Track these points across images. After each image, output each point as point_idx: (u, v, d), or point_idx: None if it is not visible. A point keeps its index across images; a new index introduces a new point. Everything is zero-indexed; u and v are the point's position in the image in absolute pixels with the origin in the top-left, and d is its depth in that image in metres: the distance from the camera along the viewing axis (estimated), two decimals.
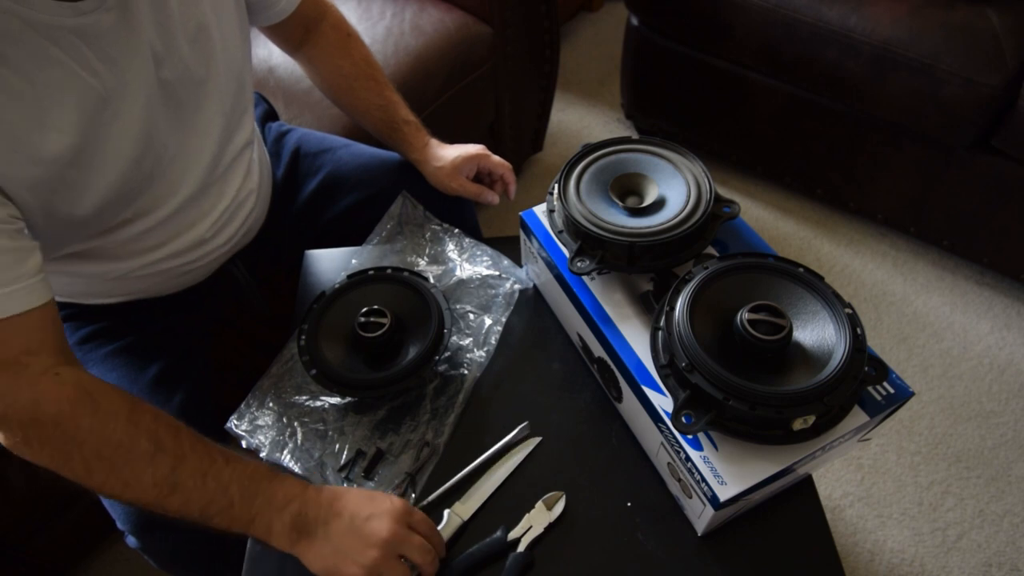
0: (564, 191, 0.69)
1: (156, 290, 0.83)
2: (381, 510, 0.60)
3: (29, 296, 0.57)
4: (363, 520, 0.59)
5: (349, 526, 0.59)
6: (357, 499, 0.61)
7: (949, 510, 1.24)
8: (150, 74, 0.63)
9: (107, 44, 0.59)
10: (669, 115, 1.75)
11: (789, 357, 0.57)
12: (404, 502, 0.62)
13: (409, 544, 0.60)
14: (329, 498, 0.61)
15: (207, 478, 0.58)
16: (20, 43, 0.53)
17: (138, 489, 0.58)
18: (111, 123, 0.61)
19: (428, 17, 1.33)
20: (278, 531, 0.60)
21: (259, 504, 0.60)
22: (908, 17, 1.29)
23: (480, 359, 0.77)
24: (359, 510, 0.60)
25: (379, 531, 0.58)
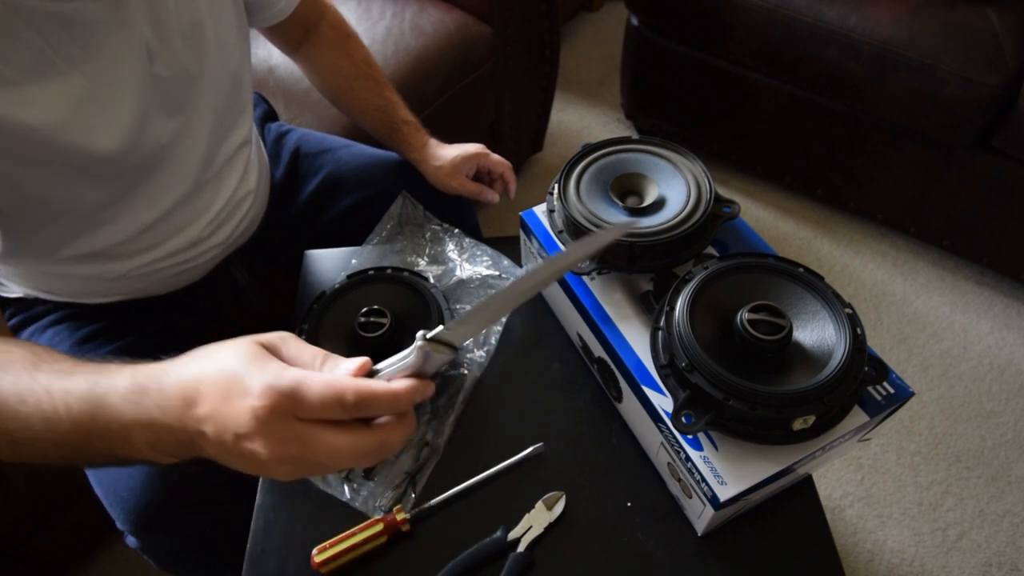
0: (564, 191, 0.69)
1: (154, 289, 0.83)
2: (240, 421, 0.39)
3: None
4: (232, 444, 0.40)
5: (223, 448, 0.40)
6: (211, 404, 0.40)
7: (949, 510, 1.24)
8: (143, 69, 0.63)
9: (91, 35, 0.58)
10: (669, 115, 1.75)
11: (789, 357, 0.57)
12: (272, 401, 0.38)
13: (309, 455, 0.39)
14: (178, 410, 0.41)
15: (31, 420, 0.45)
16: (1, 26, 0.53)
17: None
18: (99, 113, 0.61)
19: (428, 17, 1.33)
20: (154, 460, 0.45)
21: (106, 444, 0.44)
22: (908, 17, 1.29)
23: (480, 359, 0.77)
24: (221, 432, 0.40)
25: (254, 455, 0.39)
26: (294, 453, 0.39)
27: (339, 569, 0.63)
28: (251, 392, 0.38)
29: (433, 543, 0.64)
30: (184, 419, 0.41)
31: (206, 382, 0.41)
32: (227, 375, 0.40)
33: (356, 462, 0.41)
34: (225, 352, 0.42)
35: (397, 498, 0.67)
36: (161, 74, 0.65)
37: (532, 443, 0.70)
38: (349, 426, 0.40)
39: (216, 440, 0.40)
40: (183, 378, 0.42)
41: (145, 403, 0.42)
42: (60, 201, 0.64)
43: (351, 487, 0.68)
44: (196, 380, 0.41)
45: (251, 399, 0.38)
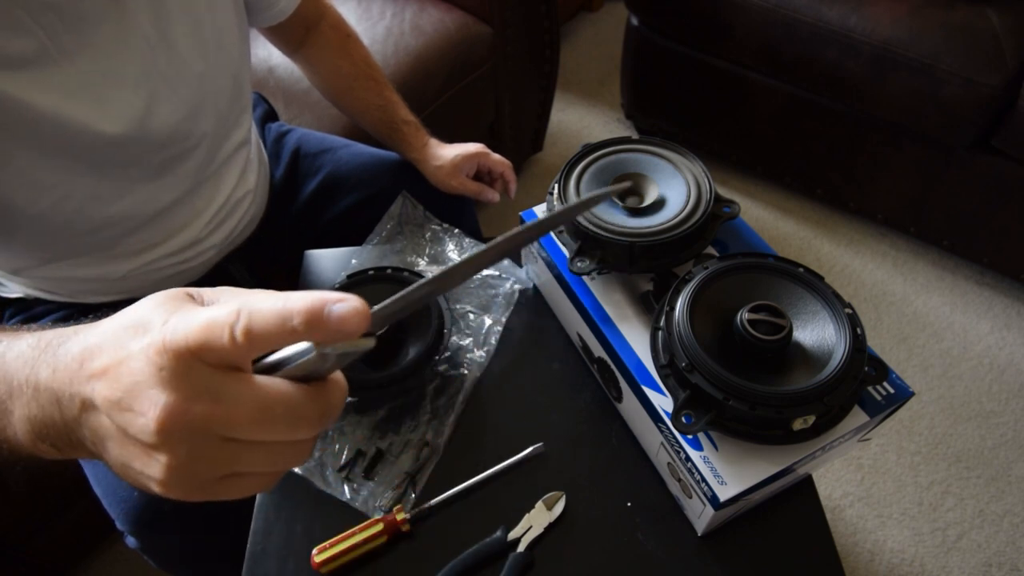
0: (564, 191, 0.69)
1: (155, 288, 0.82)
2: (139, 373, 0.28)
3: None
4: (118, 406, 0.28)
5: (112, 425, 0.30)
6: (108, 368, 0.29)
7: (949, 510, 1.24)
8: (143, 64, 0.63)
9: (91, 29, 0.58)
10: (669, 115, 1.75)
11: (789, 357, 0.57)
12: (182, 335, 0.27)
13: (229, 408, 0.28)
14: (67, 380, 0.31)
15: None
16: None
17: None
18: (96, 105, 0.61)
19: (428, 17, 1.33)
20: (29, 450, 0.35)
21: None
22: (908, 17, 1.29)
23: (480, 359, 0.77)
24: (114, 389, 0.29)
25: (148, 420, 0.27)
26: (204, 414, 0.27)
27: (339, 569, 0.63)
28: (153, 327, 0.28)
29: (433, 543, 0.64)
30: (75, 378, 0.30)
31: (107, 331, 0.30)
32: (129, 318, 0.30)
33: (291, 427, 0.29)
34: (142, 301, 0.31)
35: (397, 498, 0.67)
36: (162, 70, 0.65)
37: (532, 443, 0.70)
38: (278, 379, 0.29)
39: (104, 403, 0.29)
40: (85, 336, 0.31)
41: (39, 361, 0.32)
42: (58, 192, 0.64)
43: (351, 487, 0.68)
44: (98, 331, 0.31)
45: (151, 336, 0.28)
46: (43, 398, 0.32)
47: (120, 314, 0.31)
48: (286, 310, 0.27)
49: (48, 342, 0.33)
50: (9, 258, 0.72)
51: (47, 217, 0.65)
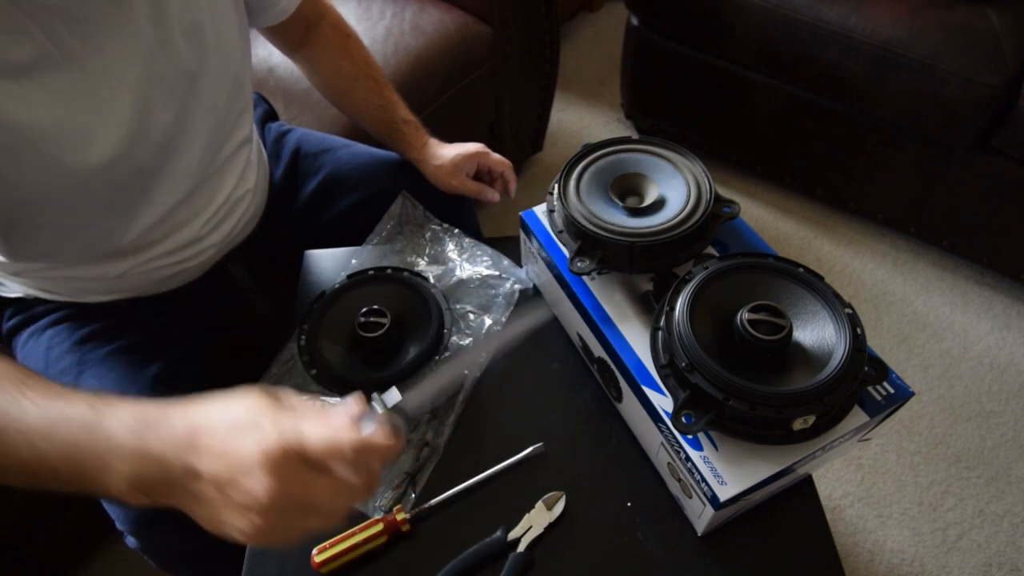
0: (564, 191, 0.69)
1: (153, 288, 0.83)
2: (246, 459, 0.39)
3: None
4: (230, 480, 0.39)
5: (215, 492, 0.40)
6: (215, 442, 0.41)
7: (949, 510, 1.24)
8: (143, 66, 0.63)
9: (93, 31, 0.58)
10: (669, 115, 1.75)
11: (789, 357, 0.57)
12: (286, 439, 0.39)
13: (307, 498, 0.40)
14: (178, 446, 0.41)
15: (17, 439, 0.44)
16: None
17: None
18: (98, 110, 0.61)
19: (428, 17, 1.33)
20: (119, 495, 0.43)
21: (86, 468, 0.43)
22: (908, 17, 1.29)
23: (480, 359, 0.77)
24: (220, 469, 0.40)
25: (257, 494, 0.39)
26: (295, 495, 0.39)
27: (339, 569, 0.63)
28: (263, 430, 0.40)
29: (433, 543, 0.64)
30: (184, 454, 0.41)
31: (215, 420, 0.42)
32: (237, 415, 0.41)
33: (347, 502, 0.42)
34: (234, 398, 0.43)
35: (397, 498, 0.67)
36: (162, 72, 0.65)
37: (532, 443, 0.70)
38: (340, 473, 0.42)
39: (211, 478, 0.40)
40: (190, 415, 0.42)
41: (147, 434, 0.42)
42: (60, 201, 0.64)
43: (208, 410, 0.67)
44: (205, 418, 0.42)
45: (262, 436, 0.39)
46: (151, 462, 0.41)
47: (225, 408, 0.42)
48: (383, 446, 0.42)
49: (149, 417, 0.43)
50: (10, 259, 0.72)
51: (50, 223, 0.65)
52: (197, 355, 0.88)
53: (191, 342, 0.87)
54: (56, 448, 0.43)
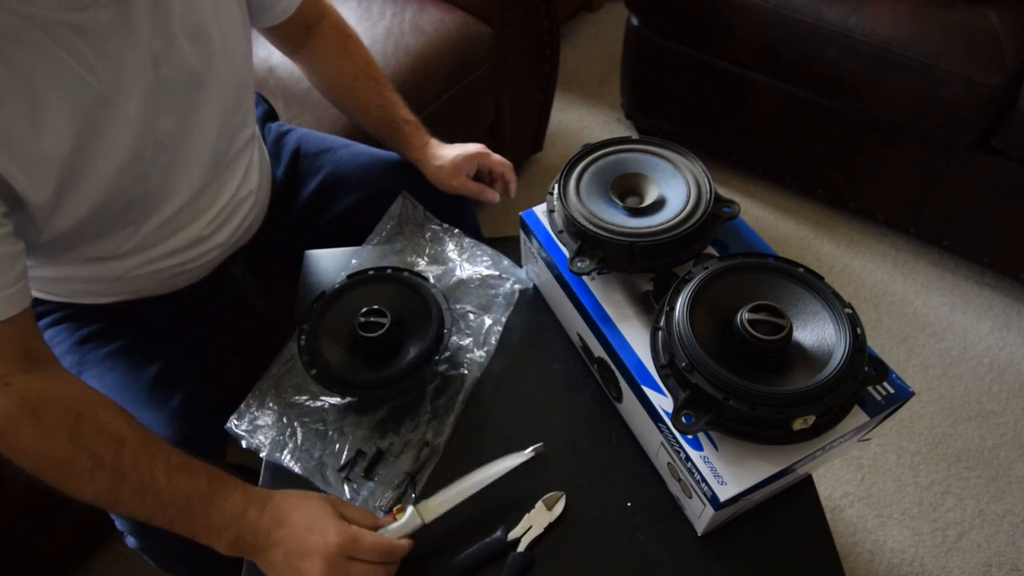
0: (564, 191, 0.69)
1: (155, 289, 0.83)
2: (315, 550, 0.57)
3: (12, 302, 0.57)
4: (296, 556, 0.58)
5: (285, 561, 0.58)
6: (294, 533, 0.59)
7: (949, 510, 1.24)
8: (148, 72, 0.63)
9: (104, 40, 0.59)
10: (669, 115, 1.75)
11: (789, 357, 0.57)
12: (341, 540, 0.58)
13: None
14: (268, 526, 0.59)
15: (146, 497, 0.58)
16: (17, 39, 0.53)
17: (82, 497, 0.58)
18: (109, 121, 0.61)
19: (428, 17, 1.33)
20: (220, 548, 0.60)
21: (197, 525, 0.59)
22: (908, 17, 1.29)
23: (480, 359, 0.77)
24: (294, 547, 0.58)
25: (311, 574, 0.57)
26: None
27: None
28: (328, 534, 0.58)
29: (433, 543, 0.64)
30: (270, 533, 0.59)
31: (295, 516, 0.60)
32: (310, 518, 0.59)
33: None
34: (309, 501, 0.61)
35: (397, 498, 0.67)
36: (167, 77, 0.65)
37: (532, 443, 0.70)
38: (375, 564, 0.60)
39: (283, 554, 0.59)
40: (280, 506, 0.61)
41: (249, 513, 0.60)
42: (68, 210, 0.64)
43: (351, 487, 0.68)
44: (289, 509, 0.60)
45: (328, 537, 0.58)
46: (248, 532, 0.60)
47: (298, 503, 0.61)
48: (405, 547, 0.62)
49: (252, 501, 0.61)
50: None
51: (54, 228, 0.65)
52: (197, 355, 0.88)
53: (191, 342, 0.87)
54: (178, 513, 0.59)
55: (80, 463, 0.57)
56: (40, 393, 0.58)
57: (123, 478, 0.58)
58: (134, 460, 0.58)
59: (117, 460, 0.58)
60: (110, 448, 0.58)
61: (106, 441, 0.58)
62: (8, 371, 0.57)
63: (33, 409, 0.57)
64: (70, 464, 0.57)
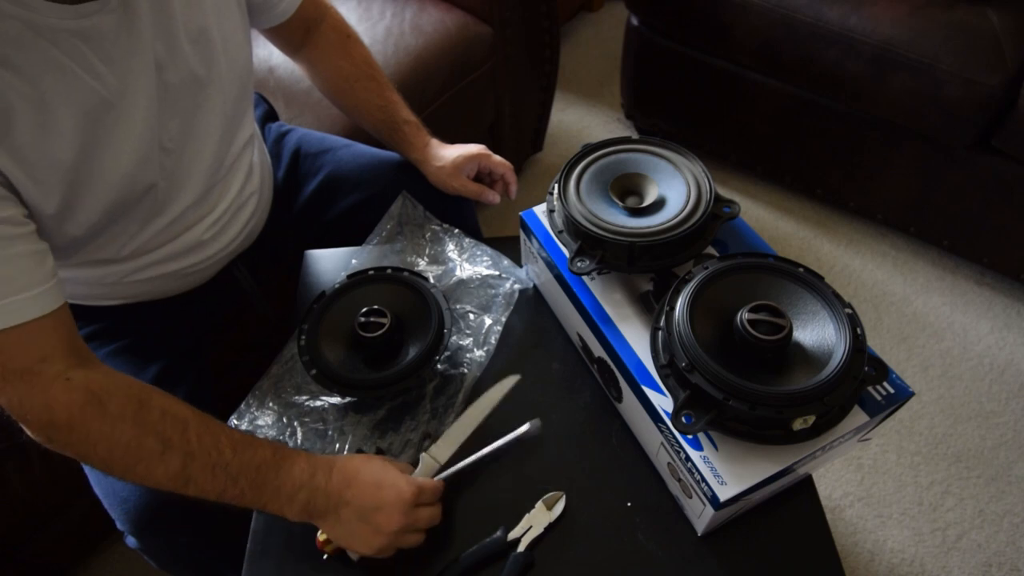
0: (564, 191, 0.69)
1: (156, 293, 0.83)
2: (389, 502, 0.60)
3: (47, 299, 0.58)
4: (371, 511, 0.60)
5: (358, 516, 0.61)
6: (365, 489, 0.61)
7: (949, 510, 1.24)
8: (152, 77, 0.63)
9: (108, 46, 0.59)
10: (669, 115, 1.75)
11: (789, 357, 0.57)
12: (412, 489, 0.61)
13: (415, 524, 0.62)
14: (338, 486, 0.61)
15: (216, 471, 0.59)
16: (23, 47, 0.54)
17: (154, 482, 0.60)
18: (115, 127, 0.62)
19: (428, 17, 1.33)
20: (290, 514, 0.62)
21: (268, 494, 0.61)
22: (908, 17, 1.29)
23: (480, 359, 0.77)
24: (367, 502, 0.61)
25: (387, 523, 0.60)
26: (411, 524, 0.61)
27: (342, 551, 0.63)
28: (400, 486, 0.62)
29: (434, 544, 0.64)
30: (341, 491, 0.61)
31: (363, 473, 0.63)
32: (378, 475, 0.63)
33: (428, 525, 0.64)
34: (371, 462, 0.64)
35: None
36: (170, 81, 0.65)
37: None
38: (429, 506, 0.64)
39: (355, 511, 0.61)
40: (346, 467, 0.63)
41: (318, 475, 0.62)
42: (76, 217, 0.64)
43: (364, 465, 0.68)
44: (356, 470, 0.63)
45: (401, 489, 0.61)
46: (319, 494, 0.61)
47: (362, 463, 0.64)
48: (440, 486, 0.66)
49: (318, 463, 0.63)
50: None
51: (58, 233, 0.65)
52: (197, 355, 0.88)
53: (191, 342, 0.87)
54: (249, 484, 0.60)
55: (150, 446, 0.58)
56: (100, 384, 0.59)
57: (192, 456, 0.59)
58: (199, 438, 0.60)
59: (184, 440, 0.59)
60: (176, 429, 0.59)
61: (171, 423, 0.60)
62: (65, 367, 0.58)
63: (98, 399, 0.58)
64: (140, 448, 0.58)
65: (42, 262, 0.59)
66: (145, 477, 0.59)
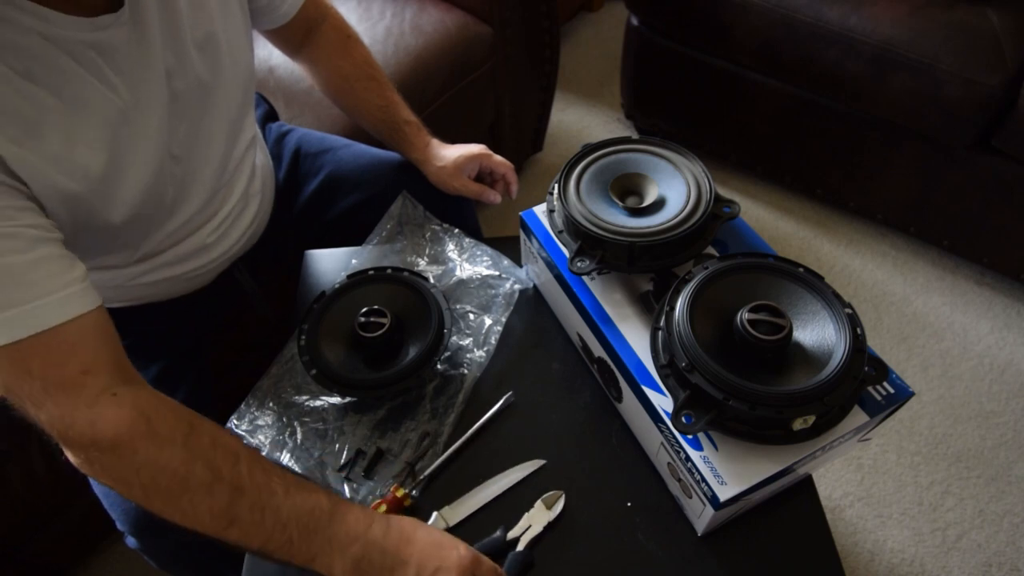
0: (564, 191, 0.69)
1: (159, 295, 0.83)
2: (451, 563, 0.57)
3: (83, 300, 0.55)
4: (432, 572, 0.56)
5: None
6: (424, 548, 0.58)
7: (949, 510, 1.24)
8: (163, 85, 0.64)
9: (122, 58, 0.59)
10: (669, 115, 1.75)
11: (789, 357, 0.57)
12: (472, 555, 0.58)
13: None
14: (396, 543, 0.57)
15: (265, 513, 0.55)
16: (42, 60, 0.54)
17: (196, 519, 0.55)
18: (133, 138, 0.62)
19: (428, 17, 1.33)
20: (340, 571, 0.56)
21: (319, 543, 0.56)
22: (908, 17, 1.29)
23: (480, 359, 0.77)
24: (426, 562, 0.57)
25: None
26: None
27: None
28: (460, 549, 0.58)
29: None
30: (398, 549, 0.57)
31: (420, 534, 0.59)
32: (436, 535, 0.59)
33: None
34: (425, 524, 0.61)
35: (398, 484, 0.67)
36: (179, 89, 0.65)
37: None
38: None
39: (417, 567, 0.57)
40: (403, 525, 0.60)
41: (375, 528, 0.58)
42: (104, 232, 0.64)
43: (351, 487, 0.68)
44: (414, 528, 0.59)
45: (460, 552, 0.58)
46: (374, 550, 0.57)
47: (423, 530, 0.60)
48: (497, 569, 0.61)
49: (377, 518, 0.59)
50: None
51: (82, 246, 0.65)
52: (198, 355, 0.88)
53: (192, 342, 0.87)
54: (299, 530, 0.56)
55: (199, 475, 0.54)
56: (150, 403, 0.55)
57: (241, 492, 0.55)
58: (251, 473, 0.55)
59: (235, 473, 0.55)
60: (227, 460, 0.55)
61: (223, 453, 0.55)
62: (111, 382, 0.55)
63: (147, 418, 0.54)
64: (188, 476, 0.54)
65: (72, 265, 0.56)
66: (187, 512, 0.55)
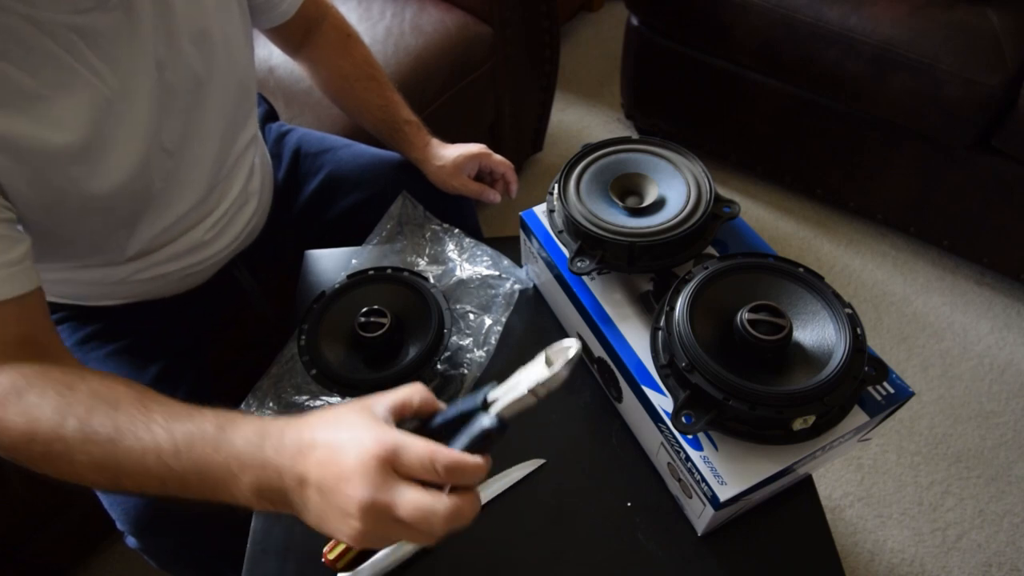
0: (564, 191, 0.69)
1: (156, 293, 0.83)
2: (350, 469, 0.42)
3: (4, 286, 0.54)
4: (332, 487, 0.43)
5: (319, 497, 0.44)
6: (321, 458, 0.44)
7: (949, 510, 1.24)
8: (153, 77, 0.63)
9: (109, 45, 0.59)
10: (669, 115, 1.75)
11: (789, 357, 0.57)
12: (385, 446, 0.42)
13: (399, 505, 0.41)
14: (291, 457, 0.45)
15: (146, 456, 0.48)
16: (19, 39, 0.53)
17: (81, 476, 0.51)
18: (117, 126, 0.61)
19: (428, 17, 1.33)
20: (244, 502, 0.48)
21: (212, 477, 0.47)
22: (908, 17, 1.29)
23: (480, 359, 0.77)
24: (325, 474, 0.43)
25: (353, 499, 0.42)
26: (382, 504, 0.41)
27: (354, 559, 0.62)
28: (363, 442, 0.43)
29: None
30: (295, 463, 0.45)
31: (321, 432, 0.45)
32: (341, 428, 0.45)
33: (432, 525, 0.41)
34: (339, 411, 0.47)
35: None
36: (171, 82, 0.65)
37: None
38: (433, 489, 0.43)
39: (317, 485, 0.43)
40: (301, 428, 0.46)
41: (265, 446, 0.46)
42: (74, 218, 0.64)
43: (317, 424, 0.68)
44: (312, 430, 0.46)
45: (361, 447, 0.43)
46: (270, 470, 0.45)
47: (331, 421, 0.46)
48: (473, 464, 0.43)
49: (266, 432, 0.46)
50: None
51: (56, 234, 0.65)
52: (197, 354, 0.88)
53: (191, 342, 0.87)
54: (186, 464, 0.47)
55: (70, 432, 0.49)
56: (28, 374, 0.52)
57: (118, 439, 0.48)
58: (130, 417, 0.49)
59: (110, 421, 0.49)
60: (103, 411, 0.50)
61: (101, 405, 0.50)
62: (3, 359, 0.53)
63: (17, 389, 0.51)
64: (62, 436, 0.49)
65: (10, 247, 0.54)
66: (67, 471, 0.50)
